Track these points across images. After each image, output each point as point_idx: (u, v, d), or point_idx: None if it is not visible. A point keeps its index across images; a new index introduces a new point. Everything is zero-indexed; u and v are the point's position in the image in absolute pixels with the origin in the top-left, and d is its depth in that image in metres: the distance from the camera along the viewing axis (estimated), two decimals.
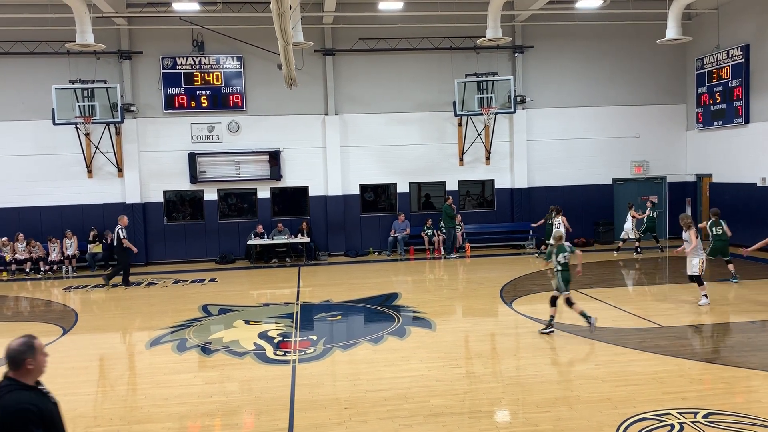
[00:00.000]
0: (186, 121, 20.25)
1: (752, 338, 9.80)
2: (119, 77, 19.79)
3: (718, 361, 8.63)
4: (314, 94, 20.68)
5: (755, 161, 18.74)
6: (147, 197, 20.24)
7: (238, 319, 12.27)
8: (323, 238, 20.81)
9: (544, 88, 21.47)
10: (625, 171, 21.98)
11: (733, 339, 9.68)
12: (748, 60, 18.90)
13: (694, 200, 22.01)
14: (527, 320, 11.54)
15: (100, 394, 8.50)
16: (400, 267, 18.84)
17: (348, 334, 11.53)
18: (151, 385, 8.54)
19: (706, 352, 9.03)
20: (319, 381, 8.35)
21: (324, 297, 14.17)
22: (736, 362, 8.58)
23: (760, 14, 17.95)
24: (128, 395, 8.34)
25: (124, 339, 11.34)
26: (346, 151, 20.84)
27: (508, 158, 21.55)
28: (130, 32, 19.89)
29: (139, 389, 8.54)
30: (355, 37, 20.44)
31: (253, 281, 17.22)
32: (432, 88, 20.96)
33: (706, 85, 20.70)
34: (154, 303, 14.36)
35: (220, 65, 20.20)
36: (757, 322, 10.68)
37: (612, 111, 21.73)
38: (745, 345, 9.44)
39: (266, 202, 20.74)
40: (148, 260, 20.20)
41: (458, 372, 8.63)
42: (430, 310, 12.43)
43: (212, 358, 9.71)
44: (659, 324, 10.73)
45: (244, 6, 19.35)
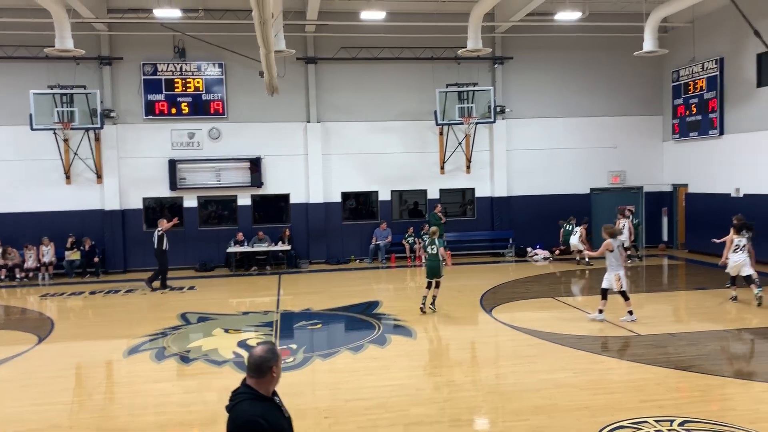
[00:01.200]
0: (166, 128, 20.14)
1: (727, 347, 9.97)
2: (99, 83, 19.64)
3: (694, 370, 8.77)
4: (296, 101, 20.69)
5: (729, 172, 19.09)
6: (126, 204, 20.07)
7: (217, 328, 12.19)
8: (304, 246, 20.77)
9: (523, 99, 21.70)
10: (602, 181, 22.27)
11: (708, 347, 9.84)
12: (722, 73, 19.28)
13: (671, 210, 22.34)
14: (507, 328, 11.62)
15: (76, 403, 8.40)
16: (382, 275, 18.87)
17: (328, 343, 11.52)
18: (129, 395, 8.46)
19: (683, 361, 9.17)
20: (298, 390, 8.34)
21: (304, 305, 14.14)
22: (712, 370, 8.72)
23: (734, 29, 18.33)
24: (105, 405, 8.25)
25: (101, 347, 11.20)
26: (328, 159, 20.86)
27: (488, 167, 21.73)
28: (111, 38, 19.76)
29: (117, 398, 8.46)
30: (338, 45, 20.51)
31: (232, 289, 17.13)
32: (413, 97, 21.09)
33: (682, 97, 21.07)
34: (132, 311, 14.22)
35: (201, 72, 20.13)
36: (731, 331, 10.87)
37: (590, 122, 22.03)
38: (721, 353, 9.60)
39: (247, 209, 20.66)
40: (127, 268, 20.00)
41: (438, 380, 8.67)
42: (411, 318, 12.46)
43: (191, 366, 9.64)
44: (637, 332, 10.86)
45: (226, 13, 19.33)
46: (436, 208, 20.16)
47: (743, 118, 18.57)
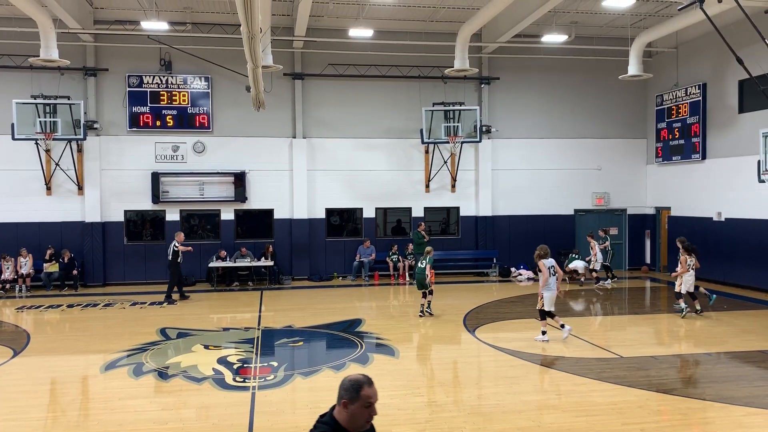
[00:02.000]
0: (150, 140, 19.99)
1: (708, 370, 9.98)
2: (83, 94, 19.49)
3: (676, 393, 8.75)
4: (282, 117, 20.66)
5: (711, 196, 19.29)
6: (107, 216, 19.83)
7: (197, 344, 12.01)
8: (287, 262, 20.63)
9: (509, 119, 21.85)
10: (586, 202, 22.41)
11: (690, 371, 9.85)
12: (705, 98, 19.56)
13: (654, 233, 22.51)
14: (489, 348, 11.55)
15: (50, 419, 8.19)
16: (365, 292, 18.75)
17: (310, 361, 11.38)
18: (105, 411, 8.27)
19: (664, 383, 9.15)
20: (279, 409, 8.20)
21: (286, 322, 13.99)
22: (693, 394, 8.72)
23: (716, 55, 18.63)
24: (80, 421, 8.05)
25: (77, 362, 10.98)
26: (313, 175, 20.80)
27: (474, 186, 21.78)
28: (97, 49, 19.65)
29: (92, 415, 8.26)
30: (325, 62, 20.55)
31: (213, 305, 16.92)
32: (400, 115, 21.15)
33: (665, 121, 21.33)
34: (110, 325, 13.98)
35: (187, 85, 20.06)
36: (713, 354, 10.89)
37: (575, 143, 22.21)
38: (702, 377, 9.61)
39: (230, 224, 20.50)
40: (106, 281, 19.73)
41: (420, 401, 8.57)
42: (394, 336, 12.37)
43: (169, 383, 9.46)
44: (619, 354, 10.85)
45: (214, 27, 19.33)
46: (420, 226, 20.14)
47: (725, 143, 18.82)
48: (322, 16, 19.17)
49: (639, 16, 19.29)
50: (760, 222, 17.37)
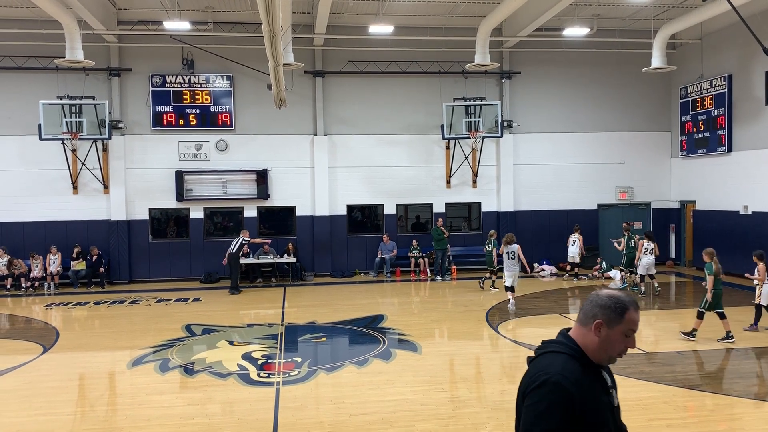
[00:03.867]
0: (174, 139, 20.21)
1: (736, 365, 9.86)
2: (108, 94, 19.76)
3: (702, 388, 8.66)
4: (303, 114, 20.75)
5: (738, 189, 18.99)
6: (132, 214, 20.11)
7: (221, 340, 12.15)
8: (309, 259, 20.74)
9: (530, 114, 21.70)
10: (610, 196, 22.19)
11: (716, 366, 9.73)
12: (731, 90, 19.24)
13: (678, 227, 22.23)
14: (512, 344, 11.53)
15: (79, 414, 8.35)
16: (386, 288, 18.80)
17: (333, 357, 11.45)
18: (132, 406, 8.41)
19: (690, 379, 9.06)
20: (303, 404, 8.27)
21: (309, 318, 14.09)
22: (720, 389, 8.62)
23: (742, 46, 18.32)
24: (108, 416, 8.20)
25: (105, 358, 11.17)
26: (334, 172, 20.88)
27: (495, 182, 21.69)
28: (120, 49, 19.90)
29: (120, 410, 8.41)
30: (345, 59, 20.59)
31: (237, 301, 17.08)
32: (420, 111, 21.12)
33: (690, 114, 21.03)
34: (136, 322, 14.19)
35: (209, 84, 20.23)
36: (741, 350, 10.75)
37: (598, 137, 21.98)
38: (729, 372, 9.49)
39: (253, 221, 20.67)
40: (132, 278, 20.02)
41: (443, 396, 8.59)
42: (416, 332, 12.39)
43: (195, 378, 9.59)
44: (644, 350, 10.76)
45: (235, 26, 19.47)
46: (439, 222, 20.08)
47: (752, 135, 18.51)
48: (342, 14, 19.21)
49: (662, 7, 19.02)
50: None
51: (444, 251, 19.81)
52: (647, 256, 16.37)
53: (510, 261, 14.61)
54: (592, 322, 2.70)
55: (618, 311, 2.67)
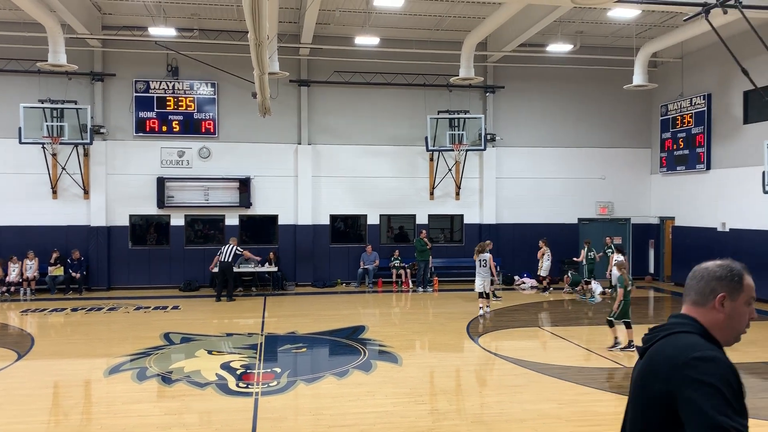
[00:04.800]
0: (156, 146, 20.09)
1: None
2: (90, 98, 19.61)
3: None
4: (288, 123, 20.74)
5: (716, 206, 19.27)
6: (112, 221, 19.91)
7: (200, 349, 12.03)
8: (291, 268, 20.66)
9: (513, 128, 21.89)
10: (590, 211, 22.40)
11: None
12: (710, 108, 19.57)
13: (657, 242, 22.48)
14: (493, 357, 11.56)
15: (53, 423, 8.22)
16: (368, 299, 18.77)
17: (313, 367, 11.40)
18: (108, 415, 8.29)
19: None
20: (281, 415, 8.21)
21: (289, 328, 14.01)
22: None
23: (721, 65, 18.65)
24: (83, 425, 8.07)
25: (81, 366, 11.01)
26: (318, 181, 20.86)
27: (478, 194, 21.81)
28: (104, 54, 19.78)
29: (95, 419, 8.28)
30: (331, 69, 20.64)
31: (217, 310, 16.95)
32: (405, 122, 21.21)
33: (670, 131, 21.34)
34: (114, 329, 14.02)
35: (193, 91, 20.16)
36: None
37: (579, 152, 22.22)
38: None
39: (234, 229, 20.55)
40: (111, 285, 19.79)
41: (423, 408, 8.57)
42: (397, 344, 12.37)
43: (173, 388, 9.49)
44: (623, 364, 10.84)
45: (221, 34, 19.44)
46: (422, 233, 20.12)
47: (730, 153, 18.82)
48: (328, 24, 19.27)
49: (644, 26, 19.34)
50: (764, 233, 17.34)
51: (426, 262, 19.85)
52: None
53: (482, 269, 15.41)
54: (712, 298, 2.42)
55: (737, 279, 2.43)
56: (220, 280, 18.08)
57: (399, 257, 20.58)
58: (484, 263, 15.51)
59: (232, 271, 18.25)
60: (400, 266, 20.48)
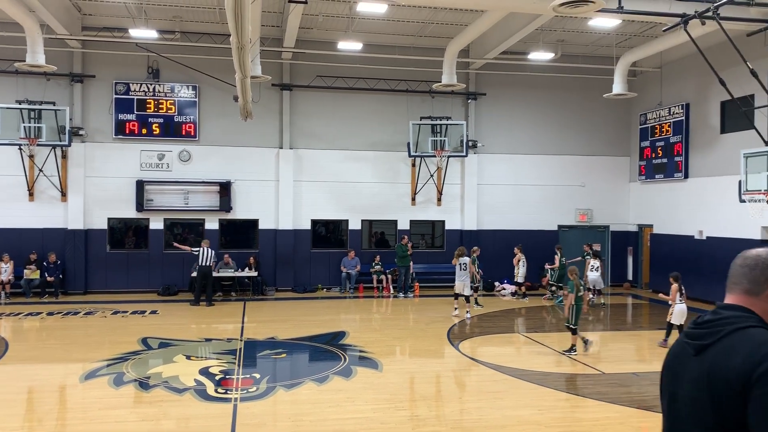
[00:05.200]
0: (136, 148, 19.89)
1: None
2: (69, 100, 19.37)
3: (657, 410, 8.79)
4: (269, 127, 20.65)
5: (693, 215, 19.52)
6: (90, 224, 19.65)
7: (178, 354, 11.91)
8: (271, 273, 20.54)
9: (495, 135, 22.02)
10: (570, 218, 22.58)
11: None
12: (688, 118, 19.84)
13: (636, 250, 22.71)
14: (473, 363, 11.57)
15: (26, 429, 8.06)
16: (349, 305, 18.71)
17: (292, 373, 11.33)
18: (84, 421, 8.16)
19: (646, 400, 9.21)
20: (260, 421, 8.14)
21: (269, 333, 13.91)
22: None
23: (699, 76, 18.92)
24: (57, 431, 7.93)
25: (56, 371, 10.84)
26: (299, 186, 20.79)
27: (459, 200, 21.88)
28: (84, 55, 19.56)
29: (70, 425, 8.15)
30: (314, 73, 20.60)
31: (195, 315, 16.78)
32: (387, 128, 21.23)
33: (649, 140, 21.60)
34: (91, 334, 13.82)
35: (174, 93, 20.01)
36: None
37: (559, 160, 22.40)
38: None
39: (214, 233, 20.39)
40: (88, 289, 19.52)
41: (403, 414, 8.55)
42: (377, 350, 12.34)
43: (150, 393, 9.37)
44: (601, 371, 10.91)
45: (203, 37, 19.33)
46: (403, 239, 20.12)
47: (707, 162, 19.08)
48: (311, 28, 19.25)
49: (624, 36, 19.58)
50: (740, 241, 17.58)
51: (407, 268, 19.85)
52: (593, 272, 17.91)
53: (461, 272, 15.80)
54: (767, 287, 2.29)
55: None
56: (199, 284, 17.89)
57: (380, 263, 20.55)
58: (464, 267, 15.84)
59: (212, 275, 18.11)
60: (381, 272, 20.45)
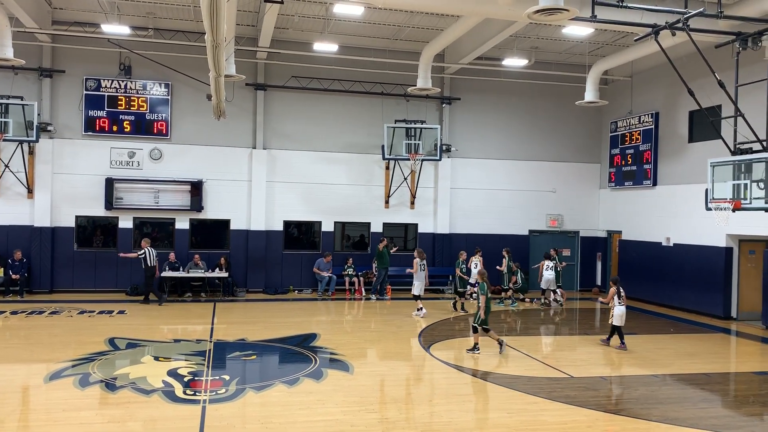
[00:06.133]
0: (106, 146, 19.58)
1: (654, 391, 10.24)
2: (38, 95, 18.99)
3: (623, 413, 8.94)
4: (243, 127, 20.50)
5: (661, 221, 19.88)
6: (57, 221, 19.28)
7: (146, 355, 11.75)
8: (242, 274, 20.37)
9: (468, 139, 22.17)
10: (541, 223, 22.83)
11: (637, 392, 10.08)
12: (657, 126, 20.22)
13: (605, 255, 23.03)
14: (444, 366, 11.61)
15: None
16: (321, 307, 18.64)
17: (262, 375, 11.24)
18: (47, 423, 8.00)
19: (612, 404, 9.35)
20: (229, 423, 8.07)
21: (239, 335, 13.79)
22: (640, 414, 8.92)
23: (669, 86, 19.30)
24: None
25: (19, 371, 10.60)
26: (272, 187, 20.66)
27: (432, 204, 21.97)
28: (54, 50, 19.20)
29: (33, 427, 7.98)
30: (288, 74, 20.52)
31: (164, 315, 16.56)
32: (362, 130, 21.24)
33: (619, 147, 21.95)
34: (56, 334, 13.56)
35: (146, 91, 19.75)
36: (659, 376, 11.18)
37: (531, 165, 22.64)
38: (648, 398, 9.84)
39: (184, 233, 20.16)
40: (54, 288, 19.14)
41: (373, 417, 8.55)
42: (349, 352, 12.32)
43: (117, 394, 9.22)
44: (570, 374, 11.04)
45: (176, 34, 19.12)
46: (382, 242, 20.03)
47: (675, 170, 19.45)
48: (287, 29, 19.18)
49: (597, 44, 19.88)
50: (706, 248, 17.96)
51: (387, 270, 19.83)
52: (548, 272, 18.90)
53: (421, 272, 16.73)
54: None
55: None
56: (150, 282, 17.81)
57: (352, 265, 20.51)
58: (423, 267, 16.74)
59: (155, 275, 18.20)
60: (353, 274, 20.41)
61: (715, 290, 17.50)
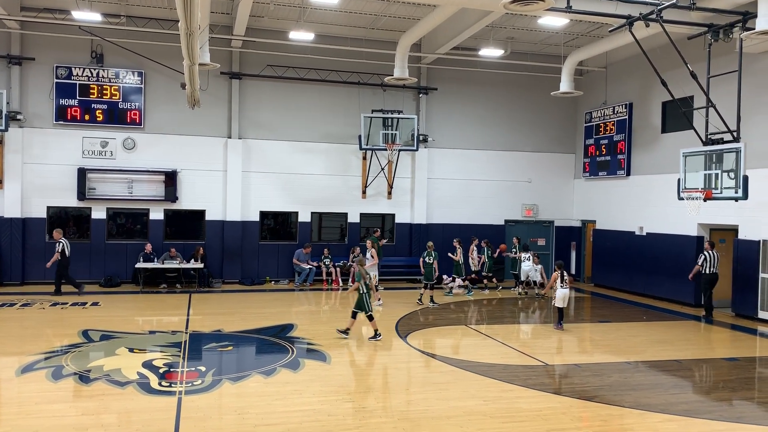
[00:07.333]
0: (78, 135, 19.25)
1: (627, 378, 10.40)
2: (6, 83, 18.59)
3: (597, 400, 9.08)
4: (218, 116, 20.30)
5: (634, 211, 20.15)
6: (28, 212, 18.95)
7: (121, 347, 11.61)
8: (218, 265, 20.23)
9: (445, 129, 22.21)
10: (516, 213, 23.00)
11: (610, 378, 10.23)
12: (631, 117, 20.44)
13: (579, 244, 23.31)
14: (420, 354, 11.67)
15: None
16: (297, 297, 18.60)
17: (239, 366, 11.19)
18: (19, 416, 7.88)
19: (587, 391, 9.48)
20: (205, 414, 8.03)
21: (215, 326, 13.71)
22: (613, 401, 9.06)
23: (642, 77, 19.51)
24: None
25: None
26: (248, 177, 20.51)
27: (409, 194, 22.00)
28: (23, 37, 18.79)
29: (5, 420, 7.85)
30: (264, 63, 20.34)
31: (139, 307, 16.40)
32: (338, 120, 21.15)
33: (593, 138, 22.17)
34: (28, 326, 13.35)
35: (119, 79, 19.44)
36: (632, 363, 11.36)
37: (507, 155, 22.77)
38: (621, 384, 10.00)
39: (159, 224, 19.95)
40: (25, 279, 18.83)
41: (350, 406, 8.57)
42: (326, 342, 12.32)
43: (91, 387, 9.11)
44: (545, 362, 11.17)
45: (150, 22, 18.82)
46: (376, 232, 20.05)
47: (648, 161, 19.71)
48: (262, 17, 18.99)
49: (572, 35, 20.00)
50: (678, 237, 18.26)
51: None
52: (525, 263, 19.41)
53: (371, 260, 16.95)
54: None
55: None
56: (65, 273, 17.45)
57: (329, 255, 20.49)
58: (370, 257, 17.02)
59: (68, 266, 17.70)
60: (330, 264, 20.39)
61: (687, 279, 17.81)
